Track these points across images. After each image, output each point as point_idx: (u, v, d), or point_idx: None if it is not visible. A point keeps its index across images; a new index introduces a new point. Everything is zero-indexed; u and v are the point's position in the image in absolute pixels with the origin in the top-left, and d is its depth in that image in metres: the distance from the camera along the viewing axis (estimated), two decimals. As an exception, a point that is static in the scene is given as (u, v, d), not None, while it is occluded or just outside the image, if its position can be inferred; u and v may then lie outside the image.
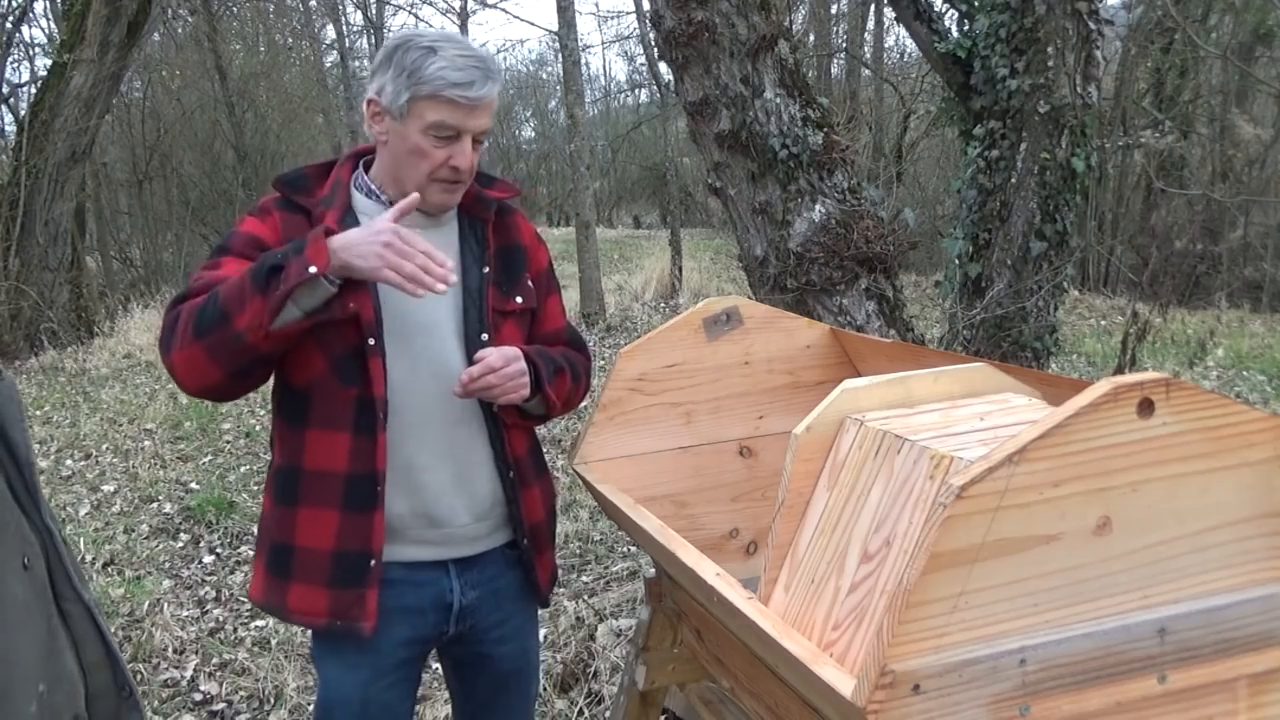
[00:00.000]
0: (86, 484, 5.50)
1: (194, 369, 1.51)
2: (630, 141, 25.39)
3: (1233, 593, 1.10)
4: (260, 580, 1.68)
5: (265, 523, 1.69)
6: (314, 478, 1.61)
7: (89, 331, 10.36)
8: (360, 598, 1.61)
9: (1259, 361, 7.43)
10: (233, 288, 1.48)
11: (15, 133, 10.71)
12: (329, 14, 20.86)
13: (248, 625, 3.75)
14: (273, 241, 1.60)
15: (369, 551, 1.61)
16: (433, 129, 1.58)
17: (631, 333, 9.47)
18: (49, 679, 1.03)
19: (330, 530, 1.60)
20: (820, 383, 2.04)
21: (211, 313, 1.47)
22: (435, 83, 1.56)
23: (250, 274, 1.47)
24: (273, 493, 1.66)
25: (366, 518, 1.60)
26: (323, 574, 1.61)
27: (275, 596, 1.65)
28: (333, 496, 1.60)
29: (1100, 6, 4.16)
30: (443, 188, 1.64)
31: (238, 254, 1.59)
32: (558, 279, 1.89)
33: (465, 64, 1.57)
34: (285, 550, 1.63)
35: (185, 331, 1.49)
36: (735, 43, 3.33)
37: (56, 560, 1.08)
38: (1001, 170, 4.27)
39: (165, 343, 1.53)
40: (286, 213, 1.65)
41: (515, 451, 1.73)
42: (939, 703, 1.01)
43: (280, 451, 1.66)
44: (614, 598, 3.58)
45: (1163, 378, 1.03)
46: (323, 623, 1.63)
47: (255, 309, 1.45)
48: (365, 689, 1.68)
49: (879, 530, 1.25)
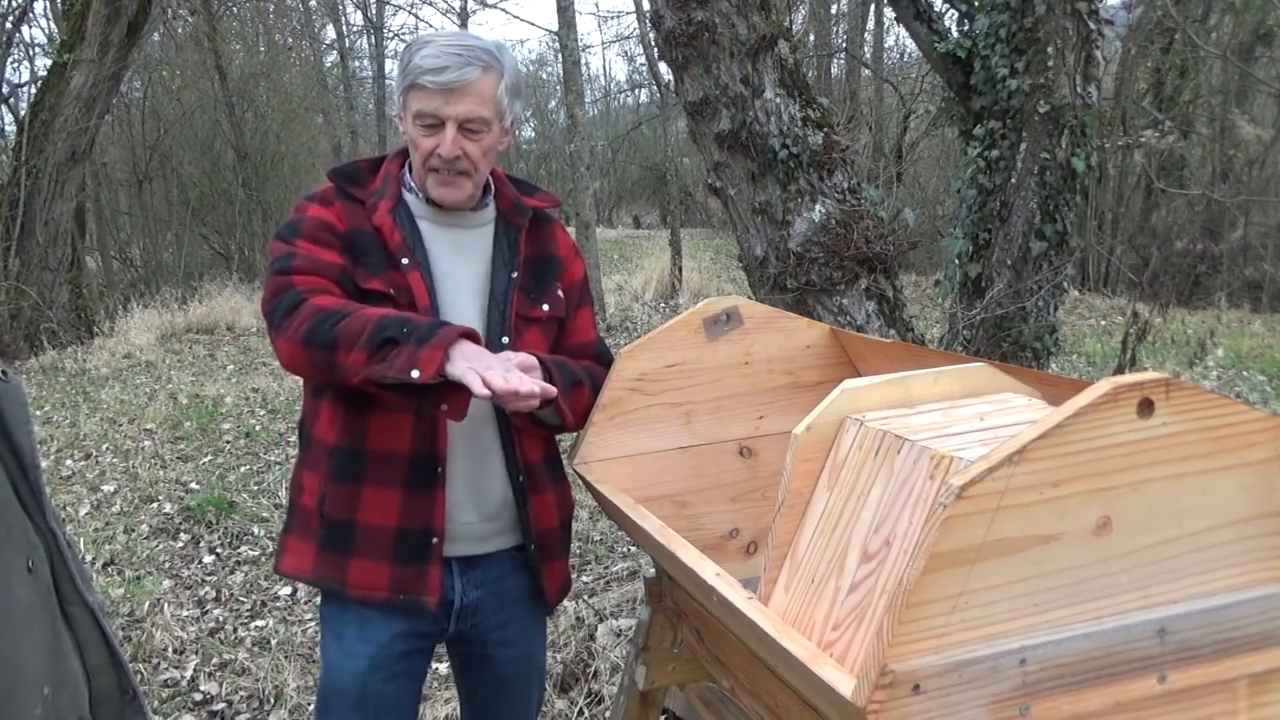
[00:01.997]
0: (86, 484, 5.50)
1: (294, 361, 1.57)
2: (630, 141, 25.39)
3: (1233, 593, 1.10)
4: (309, 556, 1.69)
5: (311, 501, 1.69)
6: (379, 458, 1.64)
7: (89, 331, 10.36)
8: (423, 574, 1.66)
9: (1259, 361, 7.43)
10: (353, 327, 1.50)
11: (15, 133, 10.69)
12: (329, 14, 20.87)
13: (248, 625, 3.75)
14: (341, 227, 1.67)
15: (431, 529, 1.65)
16: (418, 119, 1.64)
17: (631, 333, 9.47)
18: (53, 682, 1.03)
19: (394, 509, 1.64)
20: (820, 383, 2.04)
21: (325, 335, 1.51)
22: (415, 72, 1.61)
23: (372, 328, 1.49)
24: (328, 471, 1.67)
25: (429, 496, 1.65)
26: (386, 550, 1.65)
27: (332, 571, 1.67)
28: (397, 477, 1.64)
29: (1100, 6, 4.16)
30: (437, 179, 1.67)
31: (309, 237, 1.64)
32: (592, 294, 1.91)
33: (445, 52, 1.61)
34: (345, 526, 1.66)
35: (298, 329, 1.53)
36: (735, 43, 3.33)
37: (61, 563, 1.08)
38: (1001, 170, 4.27)
39: (276, 321, 1.57)
40: (345, 202, 1.70)
41: (527, 457, 1.74)
42: (939, 703, 1.01)
43: (339, 432, 1.67)
44: (614, 598, 3.58)
45: (1163, 378, 1.02)
46: (383, 597, 1.66)
47: (358, 360, 1.49)
48: (363, 679, 1.70)
49: (879, 530, 1.25)
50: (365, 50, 22.97)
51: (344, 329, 1.50)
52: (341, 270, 1.63)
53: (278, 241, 1.67)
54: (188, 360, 9.31)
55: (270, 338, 1.60)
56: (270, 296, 1.60)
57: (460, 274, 1.72)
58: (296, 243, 1.64)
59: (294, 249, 1.63)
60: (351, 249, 1.66)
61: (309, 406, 1.74)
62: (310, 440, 1.72)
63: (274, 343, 1.59)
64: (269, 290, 1.61)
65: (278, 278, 1.60)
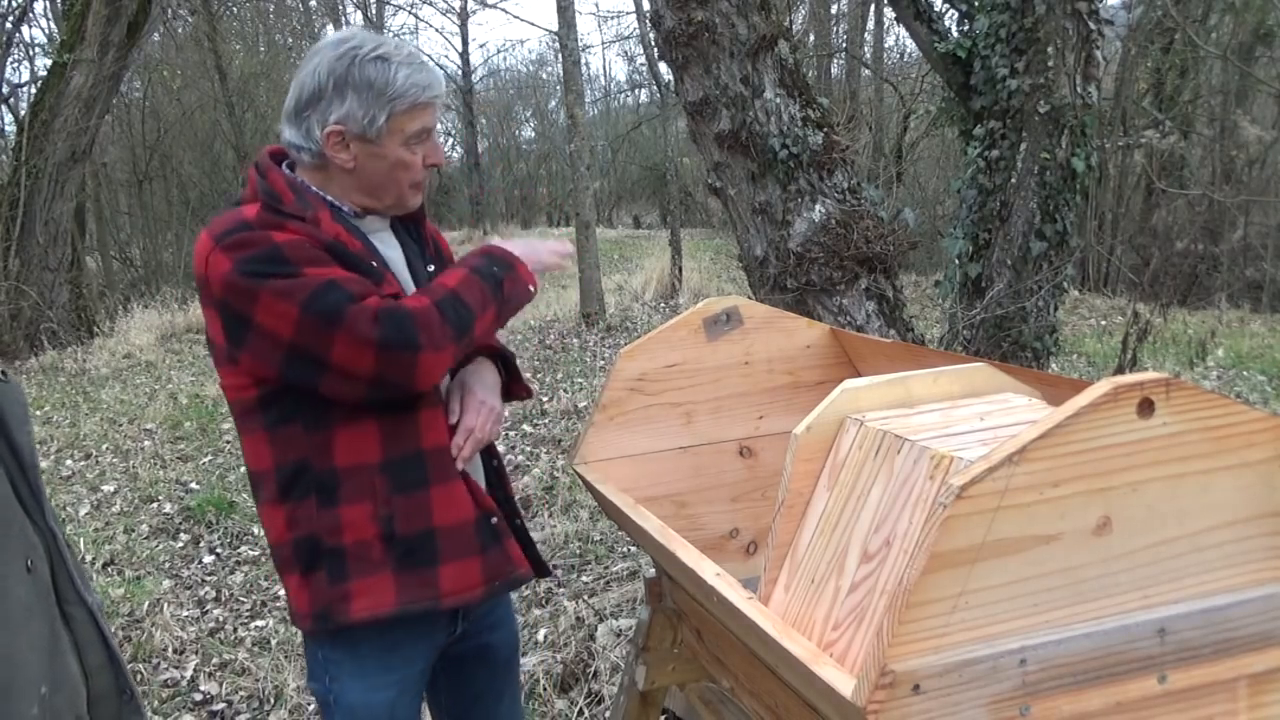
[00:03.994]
0: (86, 484, 5.50)
1: (435, 371, 1.50)
2: (630, 141, 25.40)
3: (1233, 593, 1.10)
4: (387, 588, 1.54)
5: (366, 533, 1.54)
6: (435, 456, 1.58)
7: (89, 331, 10.37)
8: (505, 552, 1.63)
9: (1259, 361, 7.43)
10: (473, 291, 1.56)
11: (15, 133, 10.71)
12: (329, 14, 20.89)
13: (248, 625, 3.75)
14: (317, 245, 1.51)
15: (489, 510, 1.63)
16: (414, 138, 1.58)
17: (631, 333, 9.47)
18: (51, 681, 1.03)
19: (466, 499, 1.60)
20: (820, 383, 2.04)
21: (464, 318, 1.53)
22: (412, 92, 1.54)
23: (485, 280, 1.58)
24: (388, 488, 1.54)
25: (470, 483, 1.63)
26: (471, 543, 1.60)
27: (422, 590, 1.55)
28: (452, 469, 1.60)
29: (1100, 6, 4.16)
30: (418, 190, 1.66)
31: (309, 261, 1.48)
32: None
33: (415, 61, 1.59)
34: (425, 537, 1.56)
35: (442, 332, 1.49)
36: (735, 43, 3.33)
37: (60, 563, 1.08)
38: (1001, 170, 4.27)
39: (405, 341, 1.45)
40: (289, 220, 1.53)
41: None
42: (939, 703, 1.01)
43: (383, 446, 1.54)
44: (614, 598, 3.58)
45: (1163, 378, 1.02)
46: (480, 593, 1.60)
47: (491, 316, 1.57)
48: (393, 706, 1.63)
49: (879, 530, 1.25)
50: (365, 50, 22.94)
51: (469, 299, 1.55)
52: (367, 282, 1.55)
53: (271, 279, 1.45)
54: (188, 360, 9.31)
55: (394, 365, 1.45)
56: (369, 325, 1.43)
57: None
58: (306, 271, 1.46)
59: (321, 277, 1.46)
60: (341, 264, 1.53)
61: (307, 447, 1.54)
62: (333, 474, 1.54)
63: (407, 366, 1.46)
64: (361, 322, 1.43)
65: (355, 306, 1.44)
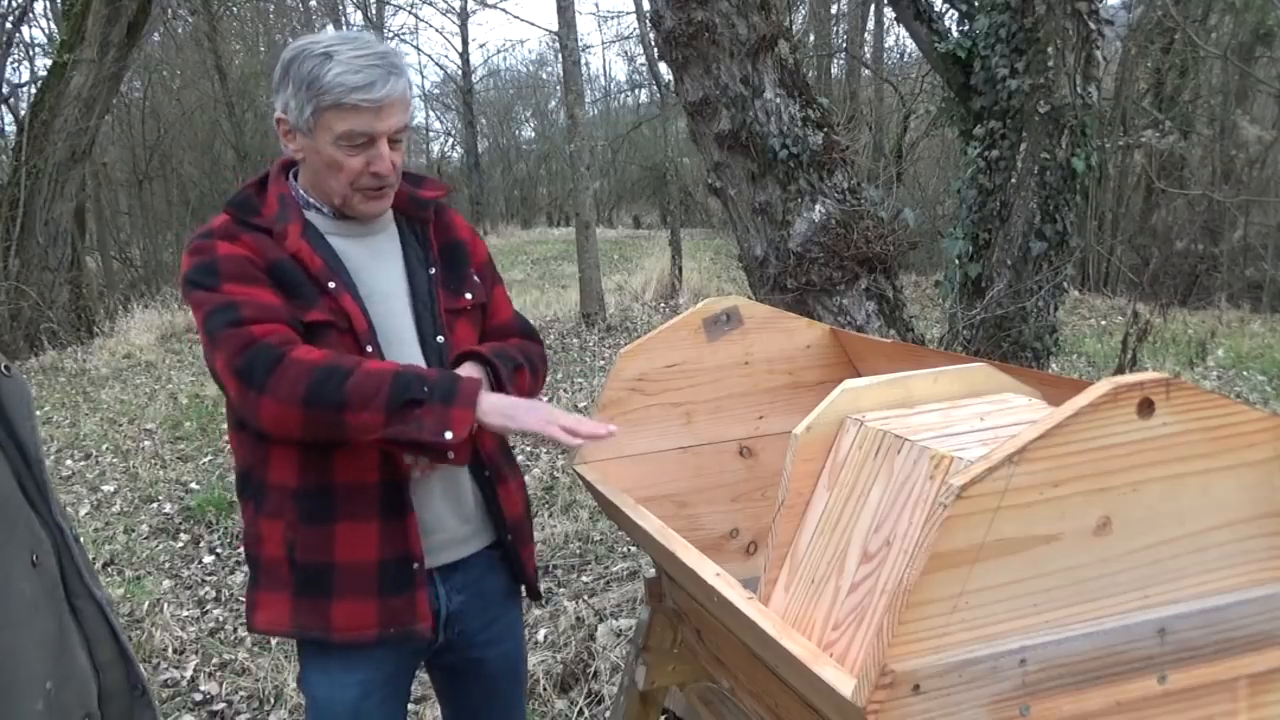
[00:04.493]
0: (86, 484, 5.50)
1: (281, 423, 1.47)
2: (630, 141, 25.40)
3: (1233, 593, 1.10)
4: (283, 607, 1.60)
5: (277, 551, 1.60)
6: (350, 491, 1.57)
7: (89, 331, 10.37)
8: (410, 601, 1.60)
9: (1259, 361, 7.43)
10: (364, 384, 1.44)
11: (15, 133, 10.72)
12: (329, 14, 20.87)
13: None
14: (260, 261, 1.55)
15: (410, 555, 1.60)
16: (343, 139, 1.53)
17: (631, 333, 9.47)
18: (57, 677, 1.02)
19: (372, 541, 1.57)
20: (820, 383, 2.04)
21: (330, 394, 1.44)
22: (336, 90, 1.50)
23: (390, 388, 1.44)
24: (294, 516, 1.58)
25: (402, 523, 1.59)
26: (370, 586, 1.58)
27: (313, 619, 1.59)
28: (371, 507, 1.57)
29: (1100, 6, 4.16)
30: (366, 196, 1.59)
31: (236, 278, 1.52)
32: (498, 270, 1.87)
33: (364, 64, 1.51)
34: (322, 569, 1.58)
35: (294, 389, 1.44)
36: (735, 43, 3.33)
37: (68, 558, 1.08)
38: (1001, 170, 4.27)
39: (258, 382, 1.45)
40: (251, 233, 1.58)
41: (486, 449, 1.71)
42: (939, 703, 1.01)
43: (300, 473, 1.58)
44: (614, 598, 3.58)
45: (1163, 378, 1.02)
46: (373, 634, 1.59)
47: (374, 420, 1.43)
48: (357, 707, 1.66)
49: (879, 530, 1.25)
50: (365, 50, 22.94)
51: (353, 388, 1.43)
52: (282, 310, 1.53)
53: (196, 290, 1.52)
54: (188, 360, 9.31)
55: (244, 399, 1.47)
56: (235, 353, 1.47)
57: (383, 283, 1.65)
58: (224, 288, 1.50)
59: (229, 296, 1.50)
60: (278, 282, 1.55)
61: (252, 455, 1.61)
62: (263, 488, 1.61)
63: (253, 403, 1.46)
64: (230, 347, 1.47)
65: (233, 331, 1.47)
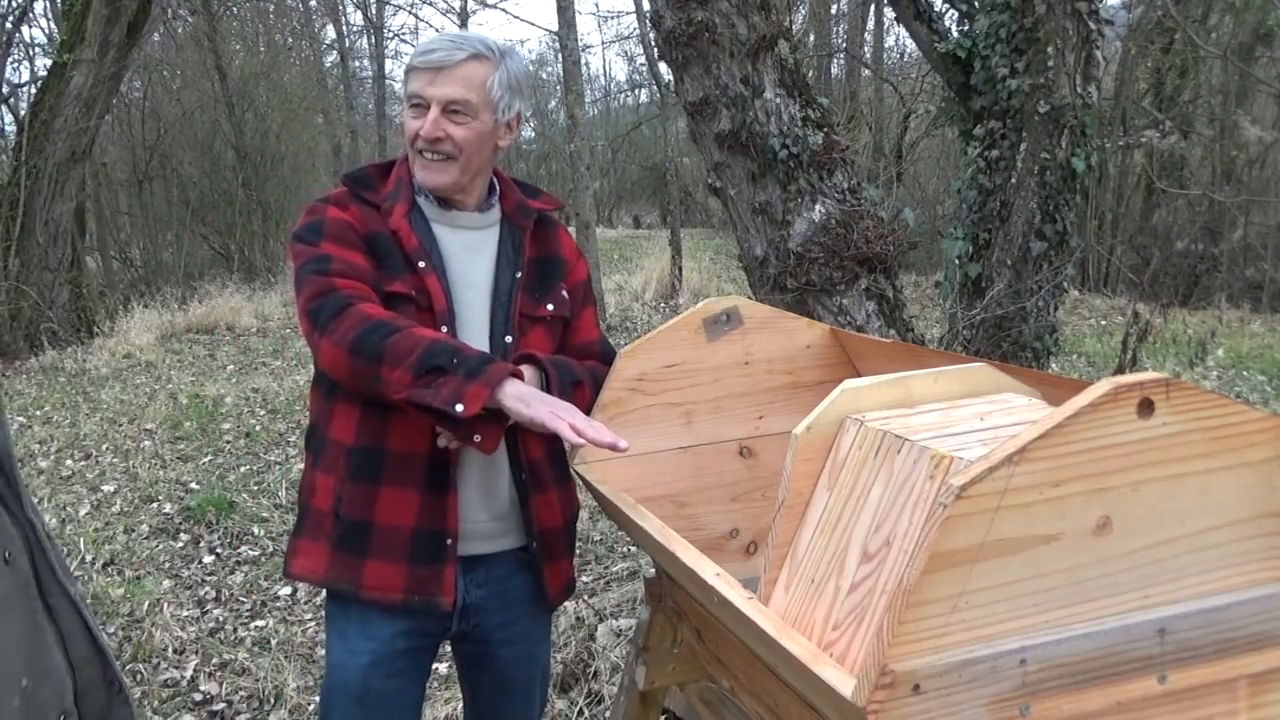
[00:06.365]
0: (86, 484, 5.50)
1: (334, 366, 1.58)
2: (630, 141, 25.41)
3: (1233, 593, 1.10)
4: (322, 557, 1.68)
5: (325, 503, 1.68)
6: (399, 459, 1.65)
7: (89, 331, 10.35)
8: (438, 574, 1.66)
9: (1259, 361, 7.43)
10: (402, 344, 1.51)
11: (15, 133, 10.70)
12: (329, 14, 20.87)
13: (248, 625, 3.75)
14: (361, 229, 1.69)
15: (445, 530, 1.66)
16: (409, 100, 1.69)
17: (631, 333, 9.47)
18: (33, 674, 1.01)
19: (412, 509, 1.65)
20: (820, 383, 2.04)
21: (373, 346, 1.51)
22: (411, 57, 1.70)
23: (422, 351, 1.50)
24: (345, 472, 1.66)
25: (443, 498, 1.66)
26: (403, 551, 1.65)
27: (346, 572, 1.66)
28: (416, 477, 1.65)
29: (1100, 6, 4.16)
30: (422, 163, 1.71)
31: (335, 239, 1.66)
32: (594, 294, 1.93)
33: (441, 39, 1.69)
34: (362, 527, 1.65)
35: (346, 334, 1.53)
36: (735, 43, 3.33)
37: (41, 555, 1.06)
38: (1001, 170, 4.27)
39: (322, 322, 1.56)
40: (360, 205, 1.72)
41: (530, 455, 1.75)
42: (939, 703, 1.01)
43: (357, 433, 1.66)
44: (614, 598, 3.58)
45: (1163, 378, 1.02)
46: (398, 598, 1.66)
47: (403, 379, 1.49)
48: (365, 674, 1.71)
49: (879, 530, 1.25)
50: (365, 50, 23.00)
51: (393, 344, 1.50)
52: (370, 274, 1.65)
53: (301, 244, 1.67)
54: (188, 360, 9.31)
55: (310, 338, 1.60)
56: (313, 296, 1.59)
57: (471, 275, 1.75)
58: (323, 245, 1.64)
59: (324, 251, 1.63)
60: (373, 251, 1.68)
61: (322, 409, 1.73)
62: (324, 442, 1.71)
63: (316, 343, 1.58)
64: (311, 290, 1.60)
65: (319, 278, 1.60)
